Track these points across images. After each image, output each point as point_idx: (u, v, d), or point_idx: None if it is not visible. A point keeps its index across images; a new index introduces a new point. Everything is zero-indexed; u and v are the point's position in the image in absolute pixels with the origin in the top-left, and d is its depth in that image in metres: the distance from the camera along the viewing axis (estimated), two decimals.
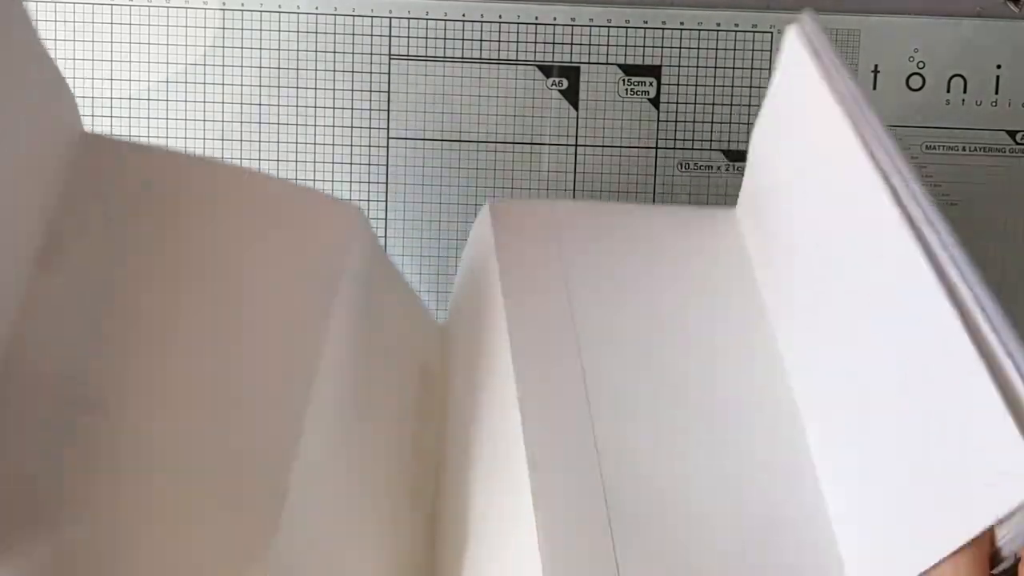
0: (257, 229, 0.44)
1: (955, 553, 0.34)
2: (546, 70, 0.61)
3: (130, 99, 0.60)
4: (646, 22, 0.61)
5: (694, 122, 0.61)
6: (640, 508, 0.40)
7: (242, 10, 0.60)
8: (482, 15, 0.61)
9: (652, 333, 0.46)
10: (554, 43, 0.61)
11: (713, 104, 0.61)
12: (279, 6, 0.60)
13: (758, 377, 0.44)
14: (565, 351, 0.44)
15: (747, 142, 0.61)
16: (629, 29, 0.61)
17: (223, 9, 0.60)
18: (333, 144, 0.61)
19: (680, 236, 0.50)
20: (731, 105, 0.61)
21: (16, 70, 0.36)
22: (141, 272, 0.39)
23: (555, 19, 0.61)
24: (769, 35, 0.61)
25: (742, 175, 0.53)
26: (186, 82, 0.61)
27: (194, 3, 0.60)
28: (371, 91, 0.61)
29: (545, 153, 0.62)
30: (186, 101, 0.61)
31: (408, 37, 0.61)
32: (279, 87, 0.61)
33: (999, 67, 0.61)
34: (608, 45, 0.61)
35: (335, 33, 0.61)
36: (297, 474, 0.35)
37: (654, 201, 0.62)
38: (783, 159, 0.48)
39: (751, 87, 0.61)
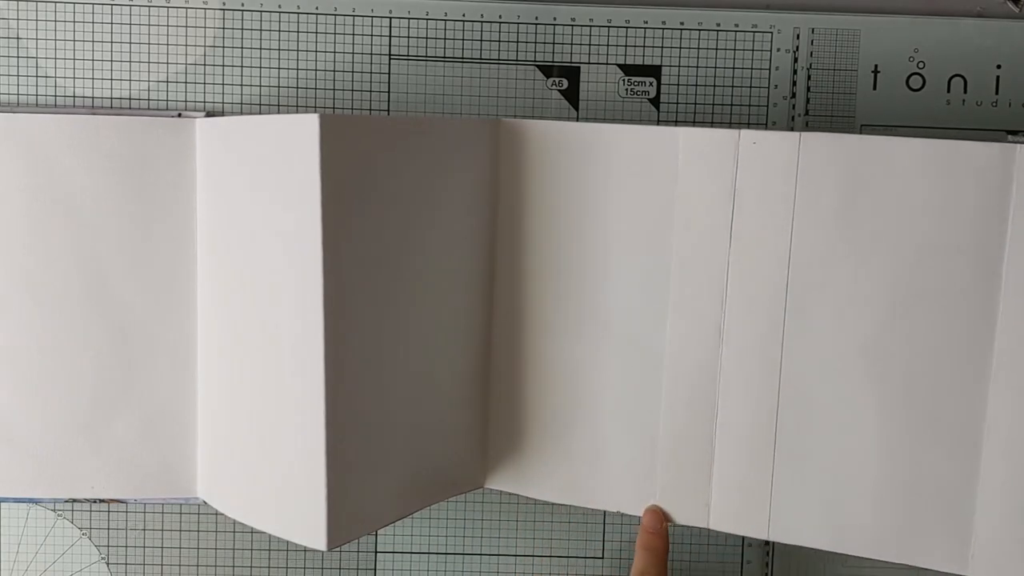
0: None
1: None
2: (546, 70, 0.61)
3: (130, 99, 0.60)
4: (646, 22, 0.61)
5: (694, 122, 0.61)
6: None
7: (242, 10, 0.60)
8: (482, 15, 0.61)
9: None
10: (554, 43, 0.61)
11: (713, 104, 0.61)
12: (279, 6, 0.60)
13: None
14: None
15: None
16: (629, 29, 0.61)
17: (223, 9, 0.60)
18: None
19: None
20: (731, 105, 0.61)
21: None
22: None
23: (555, 19, 0.61)
24: (769, 35, 0.61)
25: None
26: (186, 82, 0.61)
27: (194, 3, 0.60)
28: (371, 91, 0.61)
29: None
30: (186, 101, 0.60)
31: (408, 37, 0.61)
32: (279, 87, 0.61)
33: (999, 67, 0.61)
34: (608, 45, 0.61)
35: (335, 33, 0.61)
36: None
37: None
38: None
39: (751, 87, 0.61)
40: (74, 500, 0.62)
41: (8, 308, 0.58)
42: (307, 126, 0.49)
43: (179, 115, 0.59)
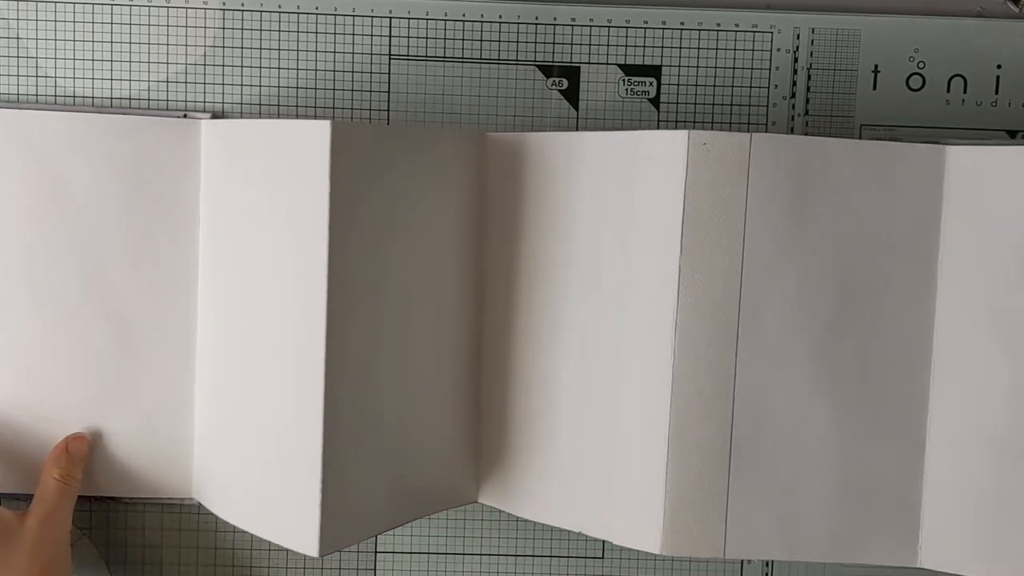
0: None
1: None
2: (546, 70, 0.61)
3: (130, 99, 0.60)
4: (646, 22, 0.61)
5: (694, 122, 0.61)
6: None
7: (242, 10, 0.60)
8: (482, 15, 0.61)
9: None
10: (554, 43, 0.61)
11: (713, 104, 0.61)
12: (279, 6, 0.60)
13: None
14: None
15: None
16: (629, 29, 0.61)
17: (223, 9, 0.60)
18: None
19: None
20: (731, 105, 0.61)
21: None
22: None
23: (555, 19, 0.61)
24: (769, 35, 0.61)
25: None
26: (186, 82, 0.61)
27: (194, 3, 0.60)
28: (371, 91, 0.61)
29: None
30: (186, 101, 0.61)
31: (408, 37, 0.61)
32: (279, 87, 0.61)
33: (999, 67, 0.61)
34: (608, 45, 0.61)
35: (335, 33, 0.61)
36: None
37: None
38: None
39: (751, 87, 0.61)
40: None
41: (8, 308, 0.58)
42: (318, 132, 0.49)
43: (184, 116, 0.59)
